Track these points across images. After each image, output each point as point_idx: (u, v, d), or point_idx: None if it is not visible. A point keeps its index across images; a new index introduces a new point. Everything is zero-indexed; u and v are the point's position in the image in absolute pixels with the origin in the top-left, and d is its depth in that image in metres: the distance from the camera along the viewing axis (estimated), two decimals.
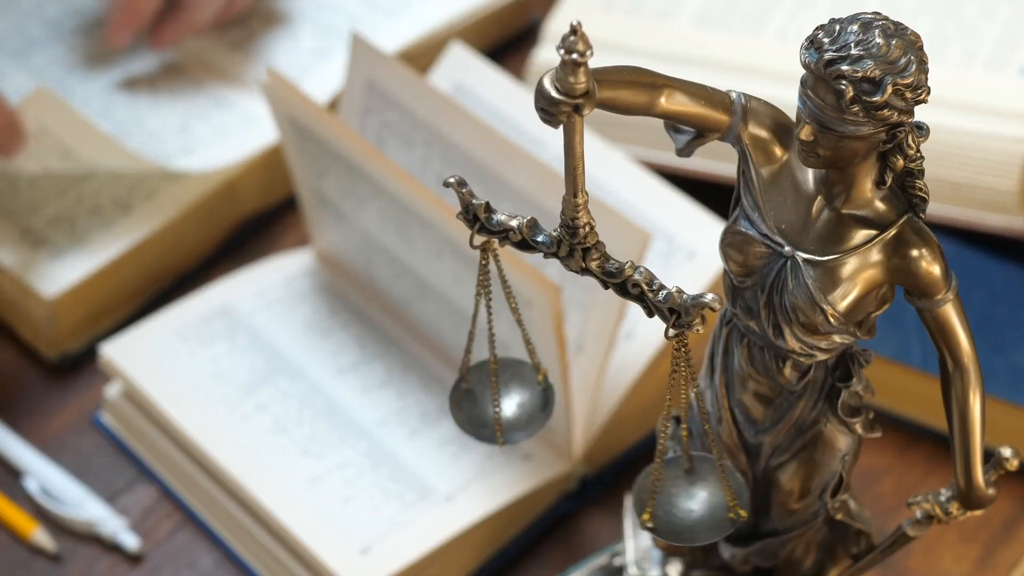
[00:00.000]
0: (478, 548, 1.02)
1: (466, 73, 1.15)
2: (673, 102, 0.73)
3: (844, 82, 0.70)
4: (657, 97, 0.73)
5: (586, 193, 0.72)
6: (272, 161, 1.19)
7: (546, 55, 1.20)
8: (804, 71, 0.72)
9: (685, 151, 0.77)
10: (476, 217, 0.76)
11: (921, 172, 0.74)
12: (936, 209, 1.10)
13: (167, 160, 1.17)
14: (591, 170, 0.74)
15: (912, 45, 0.71)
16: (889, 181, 0.74)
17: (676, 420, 0.86)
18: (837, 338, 0.77)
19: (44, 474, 1.07)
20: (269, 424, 1.06)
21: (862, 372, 0.80)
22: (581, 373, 1.01)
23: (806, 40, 0.72)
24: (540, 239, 0.75)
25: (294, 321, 1.11)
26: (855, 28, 0.71)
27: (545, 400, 0.84)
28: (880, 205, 0.75)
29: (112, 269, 1.14)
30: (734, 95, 0.75)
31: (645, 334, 1.05)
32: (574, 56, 0.66)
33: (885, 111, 0.71)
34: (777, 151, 0.76)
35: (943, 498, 0.81)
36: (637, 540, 0.96)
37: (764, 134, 0.75)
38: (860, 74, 0.70)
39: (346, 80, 1.10)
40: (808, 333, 0.76)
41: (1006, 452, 0.79)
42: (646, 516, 0.79)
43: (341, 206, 1.09)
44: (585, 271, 0.75)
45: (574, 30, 0.66)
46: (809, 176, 0.76)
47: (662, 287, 0.73)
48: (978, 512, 0.80)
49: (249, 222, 1.21)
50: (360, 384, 1.08)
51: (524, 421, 0.84)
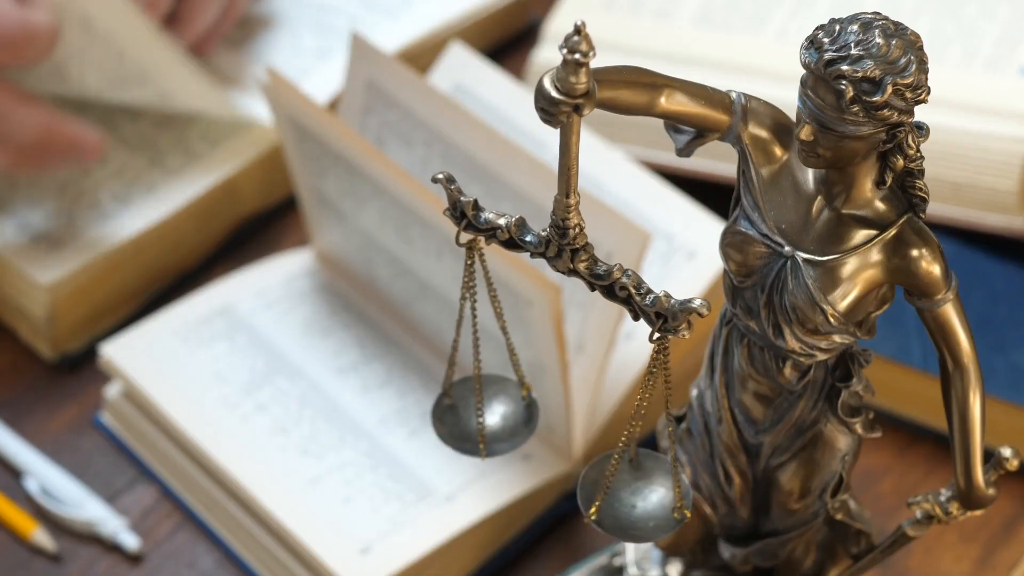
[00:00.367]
0: (478, 548, 1.02)
1: (466, 73, 1.15)
2: (673, 102, 0.73)
3: (844, 82, 0.70)
4: (657, 97, 0.73)
5: (578, 194, 0.72)
6: (272, 161, 1.19)
7: (546, 55, 1.20)
8: (804, 71, 0.72)
9: (685, 151, 0.77)
10: (463, 214, 0.75)
11: (921, 172, 0.74)
12: (936, 209, 1.10)
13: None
14: (591, 170, 0.74)
15: (912, 45, 0.71)
16: (889, 181, 0.74)
17: (678, 420, 0.86)
18: (837, 338, 0.77)
19: (44, 474, 1.07)
20: (269, 424, 1.06)
21: (862, 372, 0.80)
22: (581, 373, 1.01)
23: (806, 40, 0.72)
24: (528, 238, 0.75)
25: (294, 321, 1.11)
26: (855, 28, 0.71)
27: (529, 415, 0.84)
28: (880, 205, 0.75)
29: (112, 269, 1.14)
30: (734, 95, 0.75)
31: (645, 334, 1.04)
32: (577, 56, 0.66)
33: (885, 111, 0.71)
34: (777, 151, 0.76)
35: (943, 498, 0.81)
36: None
37: (764, 134, 0.75)
38: (860, 74, 0.70)
39: (346, 80, 1.10)
40: (808, 333, 0.76)
41: (1006, 452, 0.79)
42: (593, 510, 0.78)
43: (341, 206, 1.09)
44: (572, 272, 0.74)
45: (578, 30, 0.66)
46: (809, 176, 0.76)
47: (650, 291, 0.73)
48: (978, 512, 0.80)
49: (249, 222, 1.21)
50: (360, 384, 1.08)
51: (507, 433, 0.83)
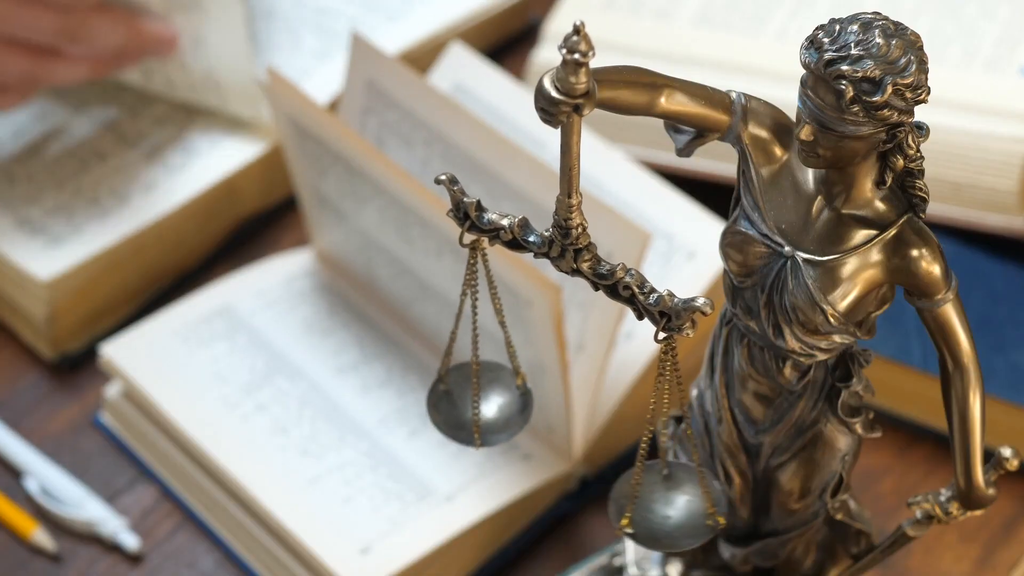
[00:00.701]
0: (478, 548, 1.02)
1: (466, 73, 1.15)
2: (673, 102, 0.73)
3: (844, 82, 0.70)
4: (657, 97, 0.73)
5: (580, 194, 0.72)
6: (272, 161, 1.19)
7: (546, 55, 1.20)
8: (804, 71, 0.72)
9: (685, 151, 0.77)
10: (467, 215, 0.75)
11: (921, 172, 0.74)
12: (936, 209, 1.10)
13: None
14: (591, 170, 0.74)
15: (912, 45, 0.71)
16: (889, 181, 0.74)
17: (677, 420, 0.86)
18: (837, 338, 0.77)
19: (44, 474, 1.06)
20: (269, 424, 1.06)
21: (862, 372, 0.80)
22: (581, 373, 1.01)
23: (806, 40, 0.72)
24: (531, 239, 0.75)
25: (294, 321, 1.11)
26: (855, 28, 0.71)
27: (524, 404, 0.84)
28: (880, 205, 0.75)
29: (112, 268, 1.14)
30: (734, 95, 0.75)
31: (645, 334, 1.05)
32: (576, 56, 0.66)
33: (885, 111, 0.71)
34: (777, 151, 0.76)
35: (943, 498, 0.81)
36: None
37: (764, 134, 0.75)
38: (860, 74, 0.70)
39: (346, 80, 1.10)
40: (808, 333, 0.76)
41: (1006, 452, 0.79)
42: (625, 522, 0.78)
43: (341, 206, 1.09)
44: (576, 272, 0.74)
45: (577, 30, 0.66)
46: (809, 176, 0.76)
47: (653, 290, 0.73)
48: (978, 512, 0.80)
49: (249, 222, 1.21)
50: (360, 384, 1.08)
51: (502, 424, 0.83)
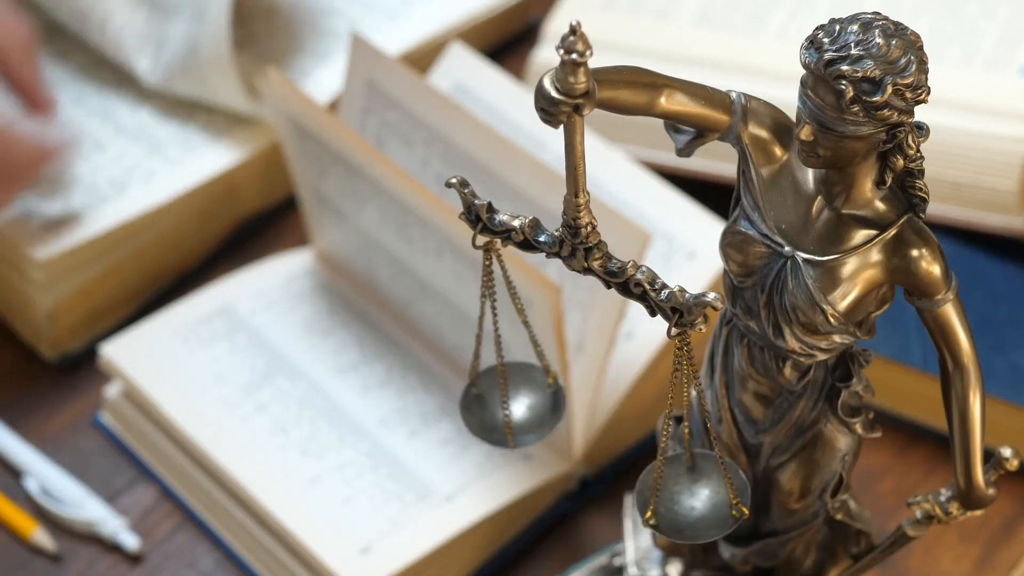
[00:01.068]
0: (478, 548, 1.02)
1: (466, 73, 1.15)
2: (673, 102, 0.73)
3: (844, 82, 0.70)
4: (657, 97, 0.73)
5: (587, 193, 0.72)
6: (272, 161, 1.19)
7: (546, 55, 1.20)
8: (804, 71, 0.72)
9: (685, 151, 0.77)
10: (478, 218, 0.76)
11: (921, 172, 0.74)
12: (936, 209, 1.10)
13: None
14: (591, 170, 0.74)
15: (912, 45, 0.71)
16: (889, 181, 0.74)
17: (677, 420, 0.86)
18: (837, 338, 0.77)
19: (44, 474, 1.06)
20: (269, 424, 1.06)
21: (862, 372, 0.80)
22: (581, 373, 1.01)
23: (806, 40, 0.72)
24: (542, 239, 0.75)
25: (294, 321, 1.11)
26: (855, 28, 0.71)
27: (555, 402, 0.85)
28: (880, 205, 0.75)
29: (112, 269, 1.14)
30: (734, 95, 0.75)
31: (645, 334, 1.05)
32: (574, 56, 0.66)
33: (885, 111, 0.71)
34: (777, 151, 0.76)
35: (943, 498, 0.81)
36: (637, 540, 0.96)
37: (764, 134, 0.75)
38: (860, 74, 0.70)
39: (346, 80, 1.10)
40: (808, 333, 0.76)
41: (1006, 452, 0.79)
42: (649, 514, 0.79)
43: (341, 206, 1.09)
44: (587, 271, 0.75)
45: (573, 30, 0.66)
46: (809, 176, 0.76)
47: (664, 286, 0.73)
48: (978, 512, 0.80)
49: (249, 222, 1.21)
50: (360, 384, 1.08)
51: (534, 423, 0.84)
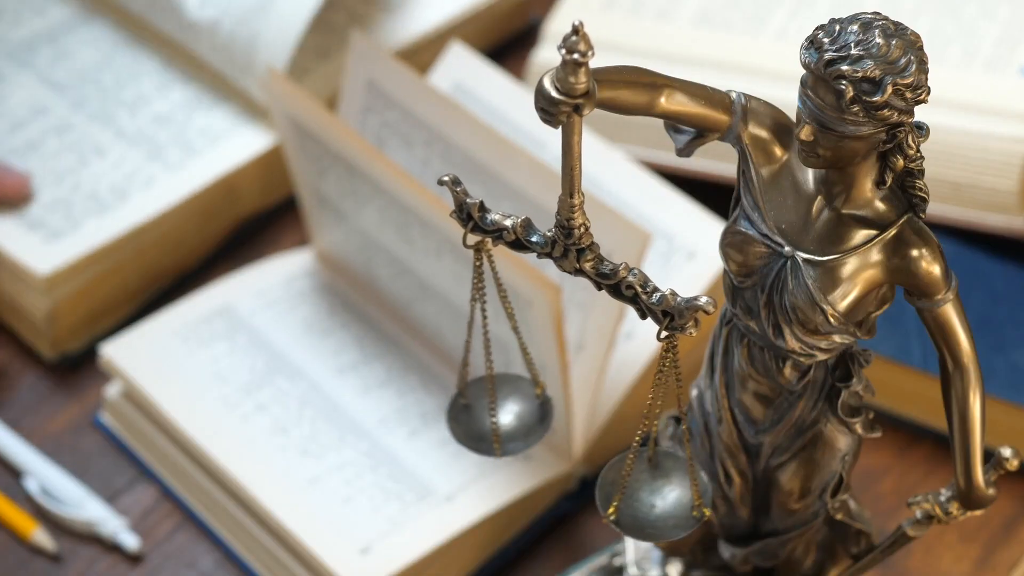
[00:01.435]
0: (478, 548, 1.02)
1: (466, 73, 1.15)
2: (673, 102, 0.73)
3: (844, 82, 0.70)
4: (657, 97, 0.73)
5: (582, 194, 0.72)
6: (272, 161, 1.19)
7: (546, 55, 1.20)
8: (804, 71, 0.72)
9: (685, 151, 0.77)
10: (470, 216, 0.76)
11: (921, 172, 0.74)
12: (936, 209, 1.10)
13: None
14: (592, 170, 0.74)
15: (912, 45, 0.71)
16: (889, 181, 0.74)
17: (676, 420, 0.86)
18: (837, 338, 0.77)
19: (44, 474, 1.06)
20: (269, 424, 1.06)
21: (862, 372, 0.80)
22: (581, 373, 1.01)
23: (806, 40, 0.72)
24: (534, 239, 0.75)
25: (294, 321, 1.11)
26: (855, 28, 0.71)
27: (543, 413, 0.84)
28: (880, 205, 0.75)
29: (112, 269, 1.14)
30: (734, 95, 0.75)
31: (645, 334, 1.05)
32: (575, 56, 0.66)
33: (885, 111, 0.71)
34: (777, 151, 0.76)
35: (943, 498, 0.81)
36: (637, 540, 0.96)
37: (764, 134, 0.75)
38: (860, 74, 0.70)
39: (346, 80, 1.10)
40: (808, 333, 0.76)
41: (1006, 452, 0.79)
42: (611, 510, 0.79)
43: (341, 206, 1.09)
44: (579, 272, 0.75)
45: (576, 30, 0.66)
46: (809, 176, 0.76)
47: (656, 289, 0.73)
48: (978, 512, 0.80)
49: (249, 222, 1.21)
50: (360, 384, 1.08)
51: (522, 433, 0.84)
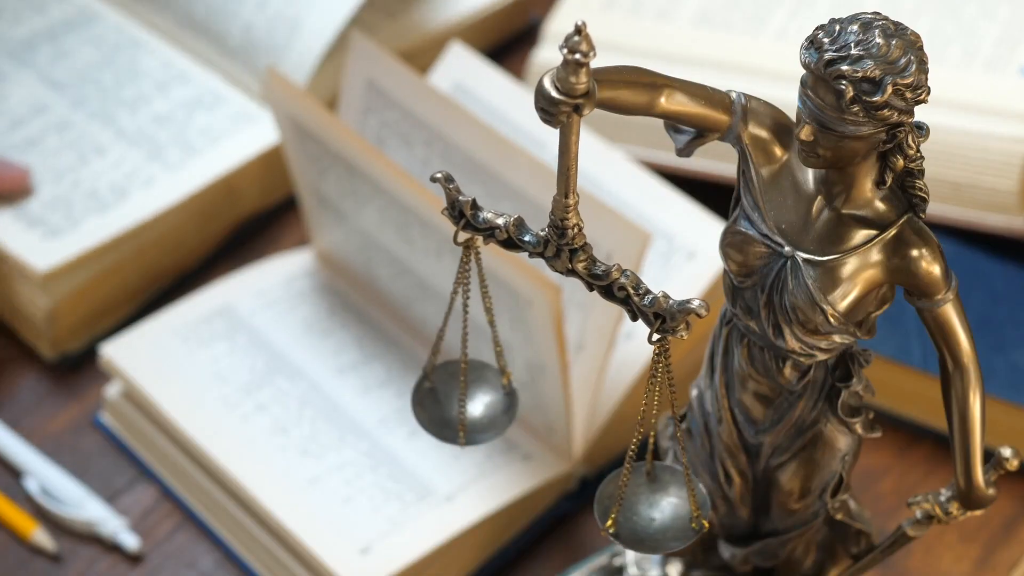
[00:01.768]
0: (478, 548, 1.02)
1: (466, 73, 1.15)
2: (673, 102, 0.73)
3: (844, 82, 0.70)
4: (657, 97, 0.73)
5: (577, 194, 0.72)
6: (272, 161, 1.19)
7: (546, 55, 1.20)
8: (804, 71, 0.72)
9: (685, 151, 0.77)
10: (462, 213, 0.75)
11: (921, 172, 0.74)
12: (936, 209, 1.10)
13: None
14: (592, 170, 0.74)
15: (912, 45, 0.71)
16: (889, 181, 0.74)
17: (680, 420, 0.86)
18: (837, 338, 0.77)
19: (44, 474, 1.06)
20: (269, 424, 1.06)
21: (862, 372, 0.80)
22: (581, 373, 1.01)
23: (806, 40, 0.72)
24: (527, 238, 0.75)
25: (294, 321, 1.11)
26: (855, 28, 0.71)
27: (509, 404, 0.84)
28: (880, 205, 0.75)
29: (112, 268, 1.14)
30: (734, 95, 0.75)
31: (645, 334, 1.04)
32: (577, 56, 0.66)
33: (885, 111, 0.71)
34: (777, 151, 0.76)
35: (943, 498, 0.81)
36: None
37: (764, 134, 0.75)
38: (860, 74, 0.70)
39: (346, 80, 1.10)
40: (808, 333, 0.76)
41: (1006, 452, 0.79)
42: (609, 523, 0.78)
43: (341, 206, 1.09)
44: (571, 272, 0.74)
45: (578, 30, 0.66)
46: (809, 176, 0.76)
47: (648, 291, 0.73)
48: (978, 512, 0.80)
49: (249, 222, 1.21)
50: (360, 384, 1.08)
51: (487, 423, 0.83)
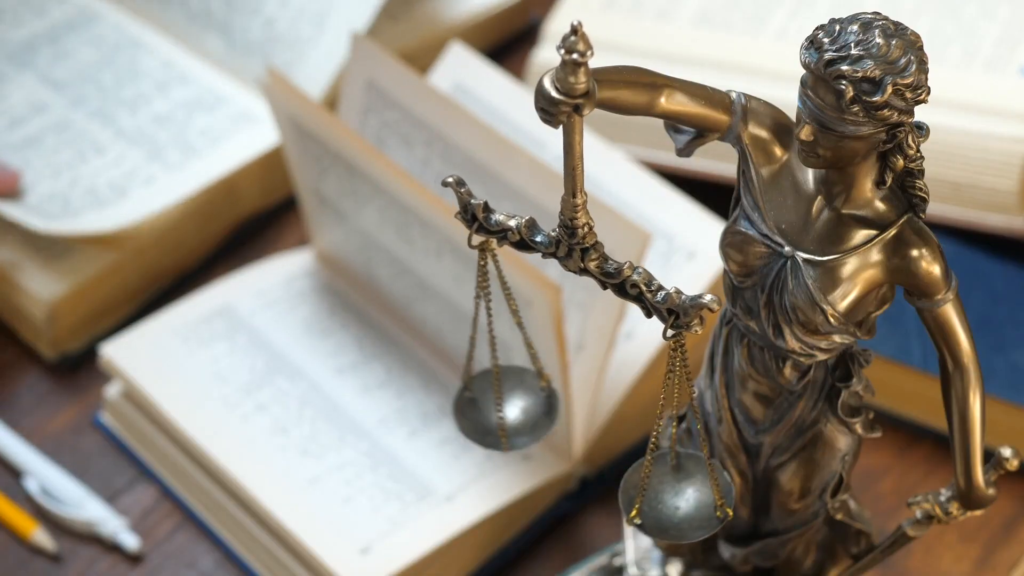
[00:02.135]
0: (478, 548, 1.02)
1: (466, 73, 1.15)
2: (673, 102, 0.73)
3: (844, 82, 0.70)
4: (657, 97, 0.73)
5: (585, 193, 0.72)
6: (272, 161, 1.19)
7: (546, 55, 1.20)
8: (804, 71, 0.72)
9: (685, 151, 0.77)
10: (474, 217, 0.76)
11: (921, 172, 0.74)
12: (936, 209, 1.10)
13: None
14: (591, 170, 0.74)
15: (912, 45, 0.71)
16: (889, 181, 0.74)
17: (680, 419, 0.86)
18: (837, 338, 0.77)
19: (44, 474, 1.06)
20: (269, 424, 1.06)
21: (862, 372, 0.80)
22: (581, 373, 1.01)
23: (806, 40, 0.72)
24: (539, 239, 0.75)
25: (294, 321, 1.11)
26: (855, 28, 0.71)
27: (549, 405, 0.85)
28: (880, 205, 0.75)
29: (112, 269, 1.14)
30: (734, 95, 0.75)
31: (645, 334, 1.05)
32: (574, 56, 0.66)
33: (885, 111, 0.71)
34: (777, 151, 0.76)
35: (943, 498, 0.81)
36: (637, 540, 0.96)
37: (764, 134, 0.75)
38: (860, 74, 0.70)
39: (346, 80, 1.10)
40: (808, 333, 0.76)
41: (1006, 452, 0.79)
42: (634, 512, 0.79)
43: (341, 206, 1.09)
44: (583, 271, 0.75)
45: (575, 30, 0.66)
46: (809, 176, 0.76)
47: (660, 288, 0.73)
48: (978, 512, 0.80)
49: (249, 222, 1.21)
50: (360, 384, 1.08)
51: (528, 427, 0.84)
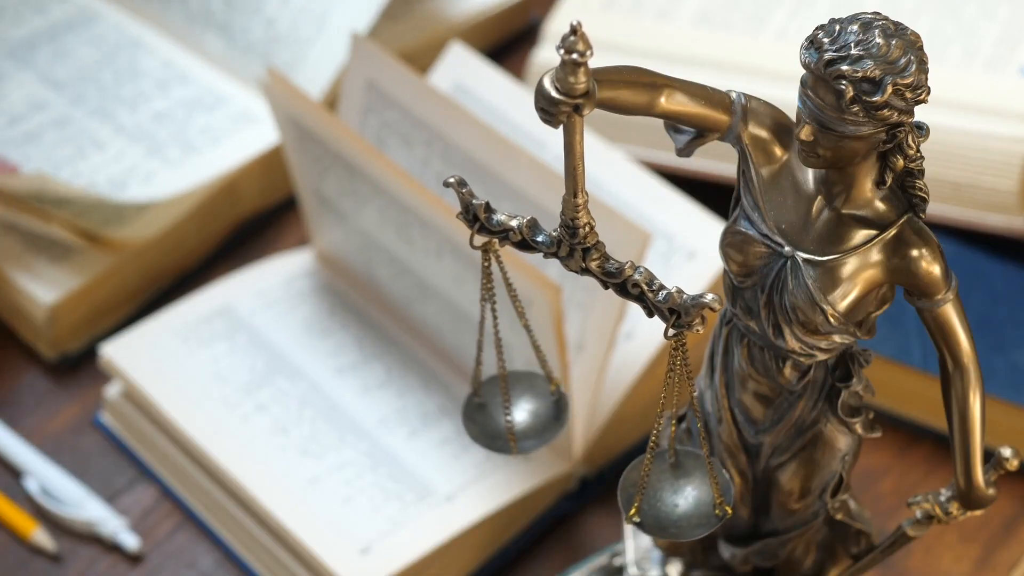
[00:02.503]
0: (478, 548, 1.02)
1: (466, 73, 1.15)
2: (673, 102, 0.73)
3: (844, 82, 0.70)
4: (657, 97, 0.73)
5: (586, 193, 0.72)
6: (272, 161, 1.19)
7: (546, 55, 1.20)
8: (804, 71, 0.72)
9: (685, 151, 0.77)
10: (476, 217, 0.76)
11: (921, 172, 0.74)
12: (936, 209, 1.10)
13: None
14: (591, 170, 0.74)
15: (912, 45, 0.71)
16: (889, 181, 0.74)
17: (680, 419, 0.86)
18: (837, 338, 0.77)
19: (44, 474, 1.06)
20: (269, 424, 1.06)
21: (862, 372, 0.80)
22: (581, 373, 1.01)
23: (806, 40, 0.72)
24: (540, 239, 0.75)
25: (294, 321, 1.11)
26: (855, 28, 0.71)
27: (558, 409, 0.85)
28: (880, 205, 0.75)
29: (112, 269, 1.14)
30: (734, 95, 0.75)
31: (645, 334, 1.05)
32: (574, 56, 0.66)
33: (885, 111, 0.71)
34: (777, 151, 0.76)
35: (943, 498, 0.81)
36: (637, 540, 0.96)
37: (764, 134, 0.75)
38: (860, 74, 0.70)
39: (346, 80, 1.10)
40: (808, 333, 0.76)
41: (1006, 452, 0.79)
42: (633, 510, 0.79)
43: (341, 206, 1.09)
44: (585, 271, 0.75)
45: (574, 30, 0.66)
46: (809, 176, 0.76)
47: (662, 287, 0.73)
48: (978, 512, 0.80)
49: (249, 222, 1.21)
50: (360, 384, 1.08)
51: (537, 430, 0.84)
